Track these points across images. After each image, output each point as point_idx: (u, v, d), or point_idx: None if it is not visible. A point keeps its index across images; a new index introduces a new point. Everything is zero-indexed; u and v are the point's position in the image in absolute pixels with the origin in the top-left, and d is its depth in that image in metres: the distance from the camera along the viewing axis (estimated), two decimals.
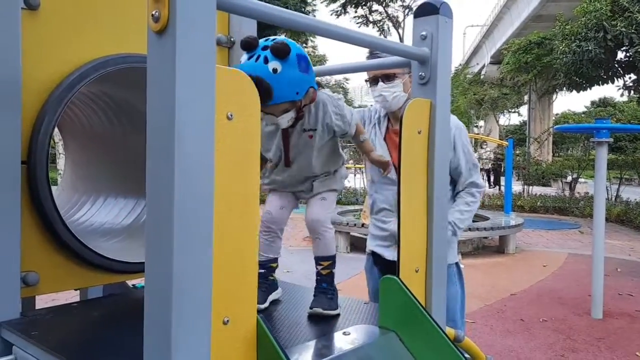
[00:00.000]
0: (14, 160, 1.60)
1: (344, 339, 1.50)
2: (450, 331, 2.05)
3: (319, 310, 1.68)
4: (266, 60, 1.45)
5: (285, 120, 1.59)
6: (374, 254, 2.47)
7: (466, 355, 2.16)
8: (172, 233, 0.98)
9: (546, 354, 3.93)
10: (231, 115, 1.10)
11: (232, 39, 2.23)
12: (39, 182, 1.67)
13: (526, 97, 26.77)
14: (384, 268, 2.32)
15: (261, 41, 1.49)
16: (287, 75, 1.48)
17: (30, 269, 1.69)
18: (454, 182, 2.50)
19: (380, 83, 2.31)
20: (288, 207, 1.82)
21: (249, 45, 1.48)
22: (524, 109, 29.88)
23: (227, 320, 1.11)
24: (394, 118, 2.42)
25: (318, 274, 1.77)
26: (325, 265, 1.77)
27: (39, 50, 1.69)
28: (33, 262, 1.70)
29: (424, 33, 1.63)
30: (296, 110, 1.61)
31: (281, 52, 1.46)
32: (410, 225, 1.60)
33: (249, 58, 1.46)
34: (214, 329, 1.08)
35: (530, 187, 16.90)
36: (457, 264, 2.53)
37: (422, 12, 1.63)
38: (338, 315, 1.73)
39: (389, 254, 2.27)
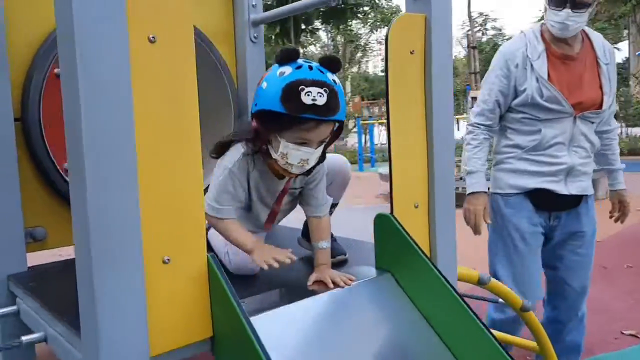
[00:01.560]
0: (6, 118, 1.62)
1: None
2: (472, 273, 1.89)
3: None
4: (321, 71, 1.26)
5: (315, 157, 1.33)
6: (532, 193, 2.10)
7: (500, 300, 1.99)
8: (83, 169, 0.92)
9: (625, 301, 3.58)
10: (154, 38, 1.01)
11: None
12: (34, 138, 1.68)
13: (626, 32, 24.39)
14: (551, 203, 2.11)
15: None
16: (341, 89, 1.30)
17: (37, 224, 1.73)
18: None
19: (567, 10, 1.96)
20: None
21: (294, 54, 1.28)
22: (624, 45, 27.32)
23: (168, 259, 1.04)
24: (552, 40, 2.07)
25: None
26: None
27: (22, 10, 1.68)
28: (39, 217, 1.74)
29: None
30: (325, 146, 1.38)
31: (336, 64, 1.29)
32: (404, 156, 1.44)
33: (297, 68, 1.25)
34: (151, 268, 1.01)
35: (631, 128, 15.53)
36: None
37: None
38: (346, 260, 1.62)
39: (561, 188, 2.07)
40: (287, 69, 1.25)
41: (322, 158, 1.40)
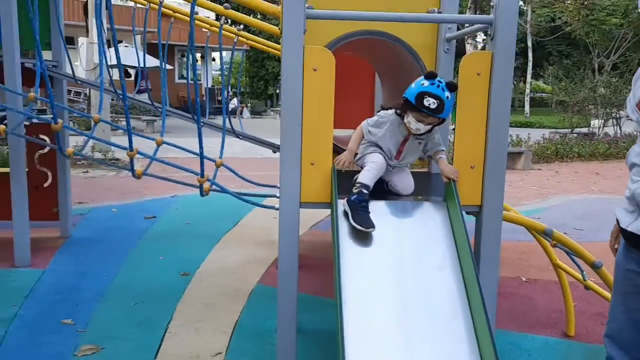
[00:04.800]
0: None
1: (411, 199, 2.50)
2: (539, 224, 2.61)
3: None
4: (443, 89, 2.27)
5: (425, 129, 2.37)
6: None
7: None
8: (284, 129, 2.37)
9: None
10: (316, 68, 2.35)
11: None
12: None
13: None
14: (624, 239, 1.81)
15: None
16: (450, 103, 2.32)
17: None
18: None
19: None
20: None
21: (433, 75, 2.30)
22: None
23: (313, 163, 2.41)
24: None
25: None
26: None
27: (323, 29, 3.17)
28: None
29: (492, 2, 2.34)
30: (433, 126, 2.41)
31: (453, 87, 2.30)
32: (466, 130, 2.40)
33: (431, 84, 2.27)
34: (305, 167, 2.39)
35: None
36: None
37: None
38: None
39: (625, 219, 1.69)
40: (427, 82, 2.29)
41: (429, 130, 2.45)
